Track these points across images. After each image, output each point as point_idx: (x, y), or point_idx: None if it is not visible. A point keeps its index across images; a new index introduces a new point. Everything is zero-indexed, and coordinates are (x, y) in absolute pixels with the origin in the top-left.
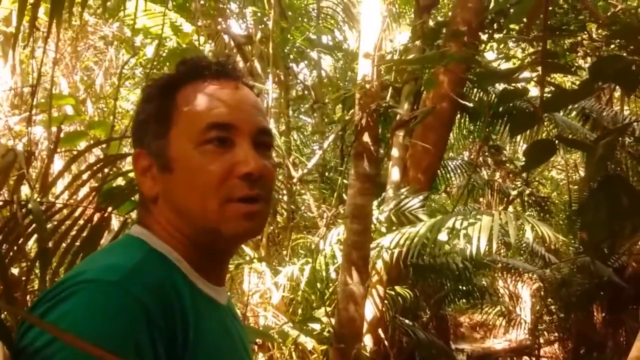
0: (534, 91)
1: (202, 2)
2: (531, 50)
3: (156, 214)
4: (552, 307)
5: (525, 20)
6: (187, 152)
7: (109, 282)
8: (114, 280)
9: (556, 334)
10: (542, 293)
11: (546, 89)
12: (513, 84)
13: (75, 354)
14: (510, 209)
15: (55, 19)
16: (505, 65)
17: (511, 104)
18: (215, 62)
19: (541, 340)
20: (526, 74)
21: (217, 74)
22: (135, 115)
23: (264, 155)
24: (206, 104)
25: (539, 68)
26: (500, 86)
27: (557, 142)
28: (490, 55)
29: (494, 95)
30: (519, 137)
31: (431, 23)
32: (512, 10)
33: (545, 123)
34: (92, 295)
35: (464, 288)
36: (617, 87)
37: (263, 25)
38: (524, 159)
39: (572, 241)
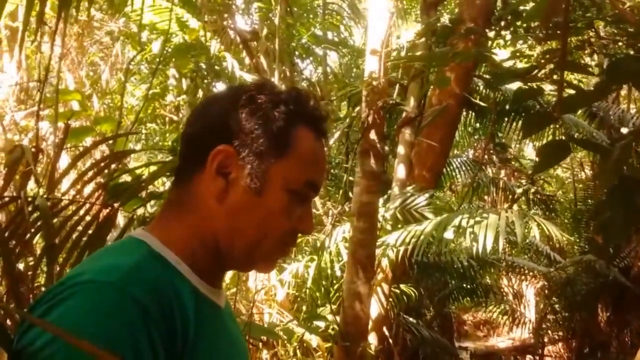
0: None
1: None
2: (539, 48)
3: (201, 211)
4: (557, 306)
5: (541, 18)
6: (279, 190)
7: (107, 282)
8: (112, 280)
9: (560, 333)
10: (547, 292)
11: (557, 88)
12: (528, 83)
13: (74, 354)
14: (515, 207)
15: (62, 14)
16: (510, 63)
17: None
18: (324, 117)
19: (545, 339)
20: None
21: (323, 132)
22: (233, 116)
23: None
24: (314, 161)
25: (550, 66)
26: (508, 84)
27: (570, 142)
28: (497, 54)
29: (500, 93)
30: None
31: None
32: (521, 8)
33: None
34: (91, 296)
35: (468, 286)
36: (624, 85)
37: (269, 21)
38: (529, 157)
39: (577, 240)
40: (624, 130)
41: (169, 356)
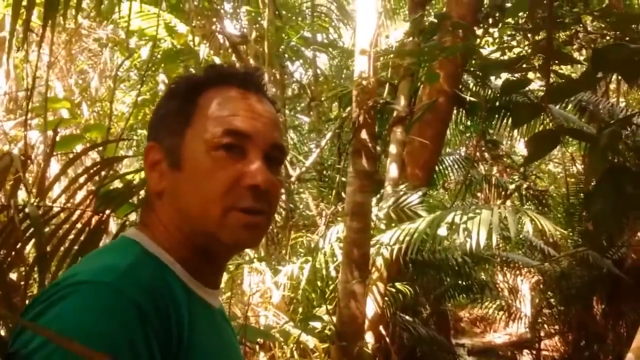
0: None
1: (196, 2)
2: (527, 42)
3: (158, 210)
4: (552, 300)
5: (525, 11)
6: (199, 154)
7: (102, 283)
8: (107, 281)
9: (556, 327)
10: (542, 286)
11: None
12: (515, 75)
13: (67, 356)
14: (508, 203)
15: (49, 22)
16: (498, 56)
17: (508, 98)
18: (242, 72)
19: (541, 334)
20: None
21: (242, 83)
22: (155, 109)
23: (274, 170)
24: (226, 110)
25: (541, 58)
26: (496, 80)
27: (559, 133)
28: (486, 51)
29: (490, 90)
30: (516, 131)
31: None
32: (508, 5)
33: (543, 116)
34: (86, 297)
35: (464, 283)
36: (613, 79)
37: (257, 25)
38: (521, 153)
39: (571, 234)
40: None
41: (165, 356)
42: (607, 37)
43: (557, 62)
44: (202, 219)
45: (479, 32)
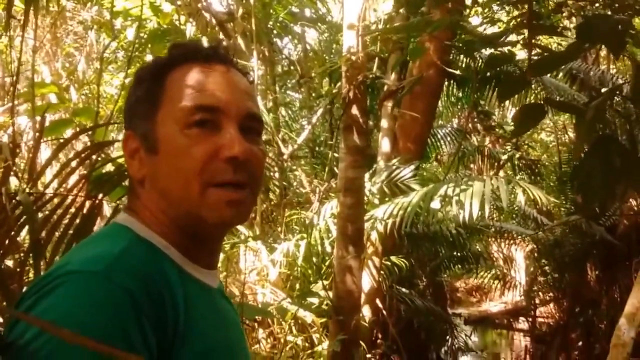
0: (520, 55)
1: None
2: (516, 13)
3: (143, 197)
4: (546, 267)
5: None
6: (172, 134)
7: (94, 272)
8: (99, 270)
9: (551, 294)
10: (536, 255)
11: (534, 52)
12: (500, 49)
13: (62, 345)
14: (501, 173)
15: (32, 5)
16: (491, 30)
17: (498, 69)
18: (206, 47)
19: (536, 301)
20: (513, 37)
21: (207, 58)
22: (127, 97)
23: (253, 141)
24: (194, 87)
25: (526, 30)
26: (487, 51)
27: (546, 105)
28: (475, 21)
29: (480, 61)
30: (507, 101)
31: None
32: None
33: (533, 85)
34: (77, 287)
35: (459, 254)
36: (603, 46)
37: (244, 1)
38: (513, 124)
39: (564, 202)
40: (604, 91)
41: (160, 344)
42: (597, 4)
43: (541, 34)
44: (183, 200)
45: (468, 1)
